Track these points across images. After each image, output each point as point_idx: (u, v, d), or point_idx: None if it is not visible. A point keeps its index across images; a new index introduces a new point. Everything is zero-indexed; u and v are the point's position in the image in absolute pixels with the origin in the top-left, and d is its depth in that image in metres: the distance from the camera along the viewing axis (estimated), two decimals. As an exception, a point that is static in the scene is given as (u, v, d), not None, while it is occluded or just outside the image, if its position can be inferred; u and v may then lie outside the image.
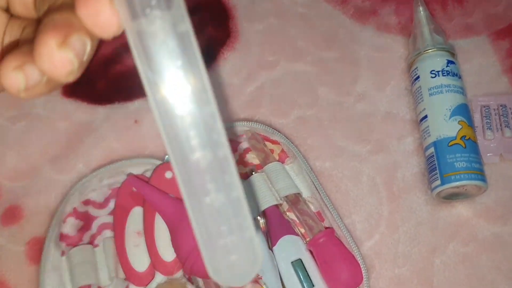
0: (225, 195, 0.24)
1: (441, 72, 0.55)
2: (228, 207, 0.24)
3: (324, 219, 0.52)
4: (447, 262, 0.52)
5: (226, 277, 0.23)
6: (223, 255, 0.23)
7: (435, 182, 0.53)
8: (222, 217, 0.24)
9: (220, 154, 0.24)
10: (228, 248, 0.23)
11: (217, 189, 0.24)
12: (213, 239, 0.23)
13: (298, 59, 0.60)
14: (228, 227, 0.23)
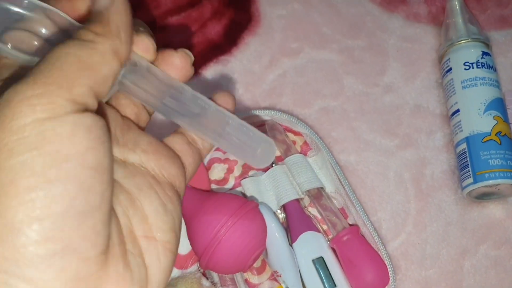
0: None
1: (476, 64, 0.52)
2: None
3: (348, 215, 0.49)
4: (478, 266, 0.49)
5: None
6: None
7: (466, 180, 0.49)
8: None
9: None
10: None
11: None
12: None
13: (323, 46, 0.57)
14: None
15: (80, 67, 0.23)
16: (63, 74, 0.23)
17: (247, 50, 0.57)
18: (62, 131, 0.22)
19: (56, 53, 0.23)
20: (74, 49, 0.24)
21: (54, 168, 0.21)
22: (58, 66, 0.23)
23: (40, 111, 0.22)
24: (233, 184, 0.51)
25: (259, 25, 0.58)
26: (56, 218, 0.21)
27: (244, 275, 0.48)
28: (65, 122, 0.22)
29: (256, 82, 0.56)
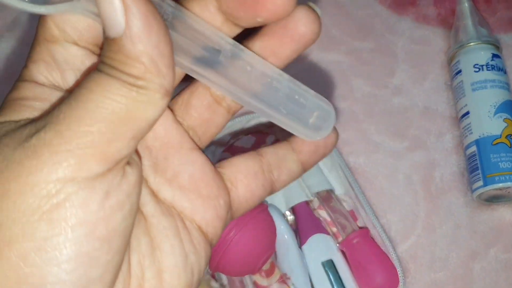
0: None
1: (486, 66, 0.52)
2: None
3: (357, 218, 0.49)
4: (488, 269, 0.49)
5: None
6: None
7: (476, 183, 0.49)
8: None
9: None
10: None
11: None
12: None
13: (332, 48, 0.57)
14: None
15: (122, 119, 0.20)
16: (102, 129, 0.19)
17: (255, 52, 0.57)
18: (77, 198, 0.19)
19: (94, 97, 0.19)
20: (117, 96, 0.20)
21: (55, 237, 0.19)
22: (98, 117, 0.19)
23: (65, 171, 0.19)
24: (242, 186, 0.51)
25: (268, 27, 0.58)
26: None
27: (253, 277, 0.48)
28: (83, 187, 0.19)
29: (265, 83, 0.56)
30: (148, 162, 0.24)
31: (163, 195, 0.24)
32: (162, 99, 0.20)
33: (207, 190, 0.24)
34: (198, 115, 0.26)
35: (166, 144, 0.24)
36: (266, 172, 0.26)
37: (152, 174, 0.24)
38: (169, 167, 0.24)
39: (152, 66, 0.20)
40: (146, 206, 0.23)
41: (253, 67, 0.23)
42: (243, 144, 0.52)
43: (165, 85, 0.20)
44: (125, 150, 0.20)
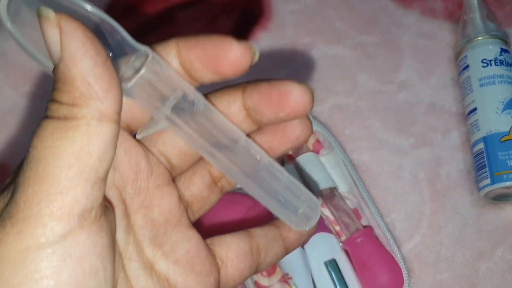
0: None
1: (494, 61, 0.50)
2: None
3: (361, 216, 0.48)
4: (494, 269, 0.47)
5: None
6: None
7: (483, 181, 0.48)
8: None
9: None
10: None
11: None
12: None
13: (336, 42, 0.56)
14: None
15: (66, 163, 0.19)
16: (50, 183, 0.19)
17: (258, 45, 0.56)
18: (46, 267, 0.19)
19: (36, 154, 0.19)
20: (52, 140, 0.19)
21: None
22: (43, 174, 0.19)
23: (27, 239, 0.19)
24: (243, 183, 0.50)
25: (271, 20, 0.57)
26: None
27: (254, 277, 0.47)
28: (53, 254, 0.19)
29: (267, 78, 0.54)
30: (149, 235, 0.25)
31: (159, 267, 0.25)
32: (100, 125, 0.19)
33: (200, 266, 0.25)
34: (199, 193, 0.27)
35: (167, 219, 0.25)
36: (254, 253, 0.27)
37: (150, 246, 0.25)
38: (167, 241, 0.25)
39: (87, 90, 0.19)
40: (138, 279, 0.24)
41: (262, 157, 0.25)
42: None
43: (102, 109, 0.19)
44: (83, 199, 0.19)
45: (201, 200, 0.27)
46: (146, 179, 0.24)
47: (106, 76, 0.20)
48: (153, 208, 0.25)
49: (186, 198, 0.27)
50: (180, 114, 0.24)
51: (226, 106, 0.25)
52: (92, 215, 0.20)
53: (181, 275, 0.25)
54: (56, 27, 0.19)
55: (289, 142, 0.26)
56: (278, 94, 0.24)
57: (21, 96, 0.54)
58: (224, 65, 0.23)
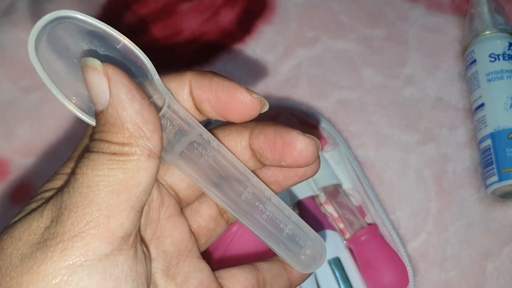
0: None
1: (502, 56, 0.49)
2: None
3: (366, 214, 0.47)
4: (501, 269, 0.47)
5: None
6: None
7: (491, 178, 0.47)
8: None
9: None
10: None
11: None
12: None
13: (341, 36, 0.55)
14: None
15: (116, 191, 0.21)
16: (99, 207, 0.21)
17: (261, 39, 0.55)
18: (88, 284, 0.20)
19: (87, 180, 0.21)
20: (105, 170, 0.21)
21: None
22: (93, 199, 0.21)
23: (72, 257, 0.20)
24: (246, 179, 0.49)
25: (274, 13, 0.56)
26: None
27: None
28: (94, 272, 0.20)
29: (270, 72, 0.53)
30: (161, 266, 0.25)
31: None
32: (148, 161, 0.22)
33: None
34: (205, 224, 0.28)
35: (179, 250, 0.26)
36: (261, 287, 0.28)
37: (163, 278, 0.25)
38: (179, 273, 0.26)
39: (136, 131, 0.21)
40: None
41: (266, 208, 0.26)
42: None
43: (150, 147, 0.22)
44: (127, 223, 0.21)
45: (207, 232, 0.28)
46: (157, 209, 0.25)
47: (152, 118, 0.22)
48: (165, 239, 0.26)
49: (194, 230, 0.27)
50: (188, 157, 0.25)
51: (233, 145, 0.26)
52: (130, 240, 0.21)
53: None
54: (103, 76, 0.21)
55: (296, 177, 0.27)
56: (282, 144, 0.25)
57: (20, 90, 0.53)
58: (233, 113, 0.25)
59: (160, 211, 0.26)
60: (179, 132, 0.24)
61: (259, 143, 0.26)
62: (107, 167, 0.21)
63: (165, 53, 0.54)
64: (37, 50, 0.22)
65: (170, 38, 0.54)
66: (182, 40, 0.54)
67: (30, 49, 0.22)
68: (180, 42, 0.54)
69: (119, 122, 0.21)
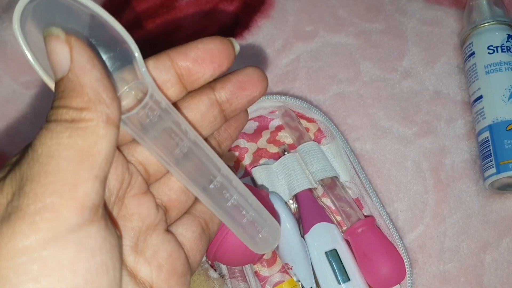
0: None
1: (500, 48, 0.49)
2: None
3: (363, 206, 0.47)
4: (500, 260, 0.46)
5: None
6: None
7: (489, 170, 0.47)
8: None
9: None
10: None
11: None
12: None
13: (339, 30, 0.55)
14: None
15: (77, 158, 0.20)
16: (63, 176, 0.20)
17: (259, 34, 0.55)
18: (64, 257, 0.20)
19: (46, 150, 0.20)
20: (64, 139, 0.20)
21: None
22: (55, 167, 0.20)
23: (43, 230, 0.19)
24: (244, 172, 0.49)
25: (273, 8, 0.56)
26: None
27: (254, 267, 0.46)
28: (68, 244, 0.20)
29: (269, 66, 0.54)
30: (130, 243, 0.25)
31: (142, 274, 0.25)
32: (107, 127, 0.21)
33: (182, 268, 0.26)
34: (176, 197, 0.28)
35: (147, 225, 0.26)
36: (205, 230, 0.29)
37: (132, 254, 0.25)
38: (148, 247, 0.26)
39: (95, 96, 0.21)
40: (126, 287, 0.24)
41: (232, 196, 0.27)
42: (245, 130, 0.50)
43: (108, 113, 0.21)
44: (93, 193, 0.21)
45: (178, 204, 0.28)
46: (124, 188, 0.25)
47: (111, 88, 0.22)
48: (132, 217, 0.25)
49: (164, 203, 0.27)
50: (164, 145, 0.26)
51: (201, 105, 0.27)
52: (99, 212, 0.21)
53: (164, 280, 0.25)
54: (65, 43, 0.21)
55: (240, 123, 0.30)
56: (247, 80, 0.28)
57: (20, 85, 0.53)
58: (221, 57, 0.26)
59: (127, 190, 0.25)
60: (158, 121, 0.25)
61: (226, 93, 0.28)
62: (66, 135, 0.20)
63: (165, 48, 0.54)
64: (23, 27, 0.22)
65: (170, 33, 0.54)
66: (181, 35, 0.54)
67: (15, 24, 0.22)
68: (179, 37, 0.54)
69: (78, 86, 0.21)
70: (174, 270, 0.26)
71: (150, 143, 0.25)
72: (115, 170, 0.24)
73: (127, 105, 0.24)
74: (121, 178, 0.25)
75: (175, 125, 0.26)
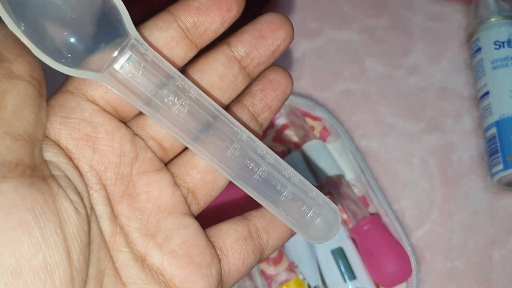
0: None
1: (507, 43, 0.49)
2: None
3: (369, 204, 0.47)
4: (508, 257, 0.46)
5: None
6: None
7: (496, 166, 0.47)
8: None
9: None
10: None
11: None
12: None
13: (344, 27, 0.55)
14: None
15: None
16: None
17: None
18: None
19: None
20: None
21: None
22: None
23: None
24: (249, 171, 0.49)
25: (277, 5, 0.56)
26: None
27: (260, 266, 0.46)
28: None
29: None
30: (137, 225, 0.23)
31: (152, 260, 0.23)
32: (11, 82, 0.20)
33: (199, 257, 0.24)
34: (201, 177, 0.25)
35: (159, 207, 0.24)
36: (255, 237, 0.25)
37: (141, 237, 0.23)
38: (160, 230, 0.23)
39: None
40: (128, 271, 0.23)
41: (259, 168, 0.24)
42: (250, 128, 0.50)
43: (12, 69, 0.20)
44: (5, 152, 0.19)
45: (204, 185, 0.25)
46: (130, 164, 0.23)
47: (17, 46, 0.21)
48: (139, 196, 0.24)
49: (187, 185, 0.25)
50: (161, 108, 0.23)
51: (218, 65, 0.25)
52: (18, 170, 0.19)
53: (178, 267, 0.23)
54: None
55: (281, 91, 0.26)
56: (265, 27, 0.26)
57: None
58: (218, 13, 0.24)
59: (133, 166, 0.24)
60: (148, 78, 0.22)
61: (244, 46, 0.25)
62: None
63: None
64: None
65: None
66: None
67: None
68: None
69: None
70: (190, 259, 0.24)
71: (151, 112, 0.23)
72: (111, 142, 0.23)
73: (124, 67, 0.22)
74: (118, 152, 0.23)
75: (174, 85, 0.23)
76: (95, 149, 0.23)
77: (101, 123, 0.23)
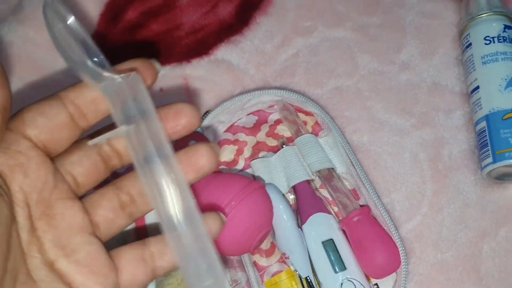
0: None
1: (497, 38, 0.49)
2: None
3: (359, 197, 0.48)
4: (497, 249, 0.47)
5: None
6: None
7: (486, 159, 0.47)
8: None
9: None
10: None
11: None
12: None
13: (337, 24, 0.55)
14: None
15: None
16: None
17: (258, 30, 0.56)
18: None
19: None
20: None
21: None
22: None
23: None
24: (243, 165, 0.50)
25: (272, 4, 0.57)
26: None
27: (252, 257, 0.47)
28: None
29: (268, 62, 0.55)
30: (53, 238, 0.29)
31: (59, 265, 0.29)
32: None
33: (99, 268, 0.30)
34: (105, 215, 0.31)
35: (71, 226, 0.30)
36: (148, 260, 0.31)
37: (53, 247, 0.29)
38: (70, 244, 0.29)
39: None
40: (38, 272, 0.28)
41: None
42: (244, 124, 0.51)
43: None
44: None
45: (106, 222, 0.31)
46: (50, 191, 0.29)
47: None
48: (55, 216, 0.29)
49: (95, 220, 0.31)
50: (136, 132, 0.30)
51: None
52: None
53: (80, 273, 0.29)
54: None
55: (195, 171, 0.31)
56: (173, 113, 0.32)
57: (27, 86, 0.55)
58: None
59: (52, 193, 0.29)
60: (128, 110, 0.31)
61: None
62: None
63: (166, 46, 0.55)
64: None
65: (171, 32, 0.56)
66: (182, 33, 0.56)
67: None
68: (180, 35, 0.56)
69: None
70: (91, 269, 0.30)
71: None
72: (38, 171, 0.29)
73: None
74: (43, 180, 0.29)
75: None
76: (25, 175, 0.29)
77: (32, 156, 0.29)
